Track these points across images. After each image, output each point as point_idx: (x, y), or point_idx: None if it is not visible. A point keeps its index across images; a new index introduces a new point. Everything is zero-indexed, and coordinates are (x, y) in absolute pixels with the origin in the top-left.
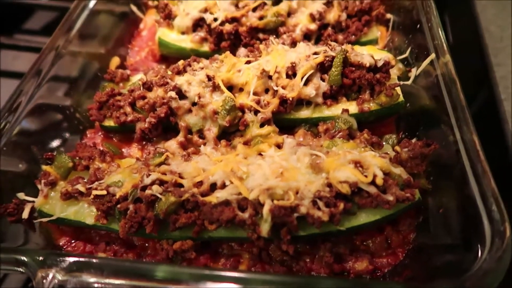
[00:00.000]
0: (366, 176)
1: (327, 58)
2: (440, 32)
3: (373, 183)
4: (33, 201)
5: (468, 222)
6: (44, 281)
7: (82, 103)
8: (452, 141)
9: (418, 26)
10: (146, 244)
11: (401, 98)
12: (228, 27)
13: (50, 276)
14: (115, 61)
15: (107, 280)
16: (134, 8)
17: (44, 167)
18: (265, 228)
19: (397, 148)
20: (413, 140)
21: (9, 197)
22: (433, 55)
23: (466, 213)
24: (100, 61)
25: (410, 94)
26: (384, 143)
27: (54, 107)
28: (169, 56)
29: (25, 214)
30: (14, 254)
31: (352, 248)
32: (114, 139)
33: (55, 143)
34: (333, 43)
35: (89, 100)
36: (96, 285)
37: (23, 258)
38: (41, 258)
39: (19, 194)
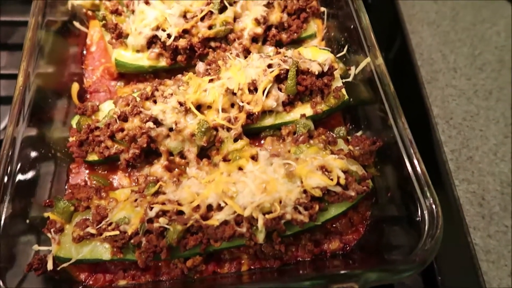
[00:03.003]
0: (331, 180)
1: (282, 71)
2: (370, 31)
3: (337, 183)
4: (48, 250)
5: (409, 202)
6: None
7: (58, 138)
8: (390, 134)
9: (352, 24)
10: (159, 264)
11: (346, 96)
12: (182, 42)
13: None
14: (75, 87)
15: None
16: (77, 24)
17: (46, 214)
18: (261, 237)
19: (351, 147)
20: (360, 133)
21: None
22: (368, 59)
23: (407, 195)
24: (61, 89)
25: (351, 88)
26: (336, 135)
27: (38, 154)
28: (126, 73)
29: (50, 266)
30: None
31: (325, 232)
32: (99, 170)
33: (46, 185)
34: (282, 51)
35: (60, 131)
36: None
37: None
38: None
39: (34, 247)
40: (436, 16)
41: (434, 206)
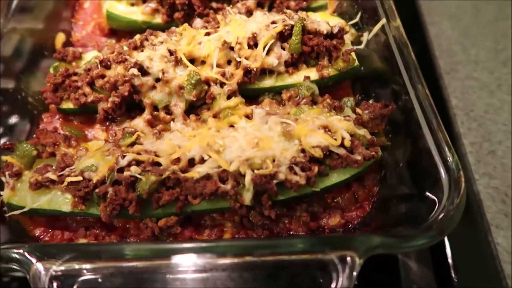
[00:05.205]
0: (335, 139)
1: (286, 27)
2: None
3: (341, 145)
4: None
5: (425, 172)
6: (40, 275)
7: (33, 86)
8: (405, 98)
9: None
10: (128, 225)
11: (357, 62)
12: None
13: (44, 269)
14: (60, 37)
15: (103, 264)
16: None
17: (4, 157)
18: (248, 197)
19: (359, 110)
20: (371, 101)
21: None
22: (384, 20)
23: (423, 165)
24: (45, 39)
25: (363, 57)
26: (343, 105)
27: (4, 93)
28: (118, 30)
29: None
30: (3, 251)
31: (325, 206)
32: (74, 121)
33: (11, 132)
34: (288, 11)
35: (39, 82)
36: (91, 272)
37: (14, 254)
38: (33, 251)
39: None
40: (457, 11)
41: (455, 168)
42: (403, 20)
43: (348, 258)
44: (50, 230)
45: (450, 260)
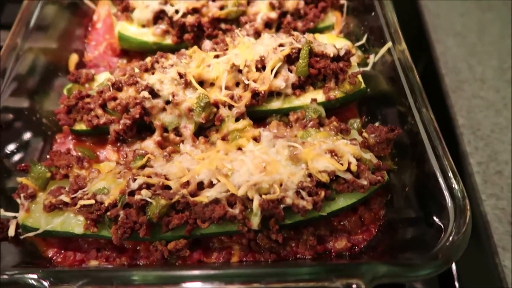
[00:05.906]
0: (342, 164)
1: (294, 50)
2: (394, 18)
3: (348, 170)
4: (15, 217)
5: (431, 198)
6: None
7: (47, 107)
8: (411, 122)
9: (373, 13)
10: (138, 247)
11: (363, 84)
12: (190, 19)
13: None
14: (74, 58)
15: None
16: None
17: (19, 179)
18: (255, 222)
19: (365, 134)
20: (377, 124)
21: None
22: (390, 44)
23: (429, 190)
24: (59, 60)
25: (369, 79)
26: (350, 127)
27: (19, 114)
28: (130, 50)
29: (12, 231)
30: (19, 276)
31: (331, 229)
32: (86, 142)
33: (25, 152)
34: (296, 33)
35: (53, 102)
36: None
37: (29, 280)
38: (46, 277)
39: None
40: (462, 28)
41: (460, 196)
42: (410, 36)
43: (354, 286)
44: (62, 251)
45: (456, 283)
